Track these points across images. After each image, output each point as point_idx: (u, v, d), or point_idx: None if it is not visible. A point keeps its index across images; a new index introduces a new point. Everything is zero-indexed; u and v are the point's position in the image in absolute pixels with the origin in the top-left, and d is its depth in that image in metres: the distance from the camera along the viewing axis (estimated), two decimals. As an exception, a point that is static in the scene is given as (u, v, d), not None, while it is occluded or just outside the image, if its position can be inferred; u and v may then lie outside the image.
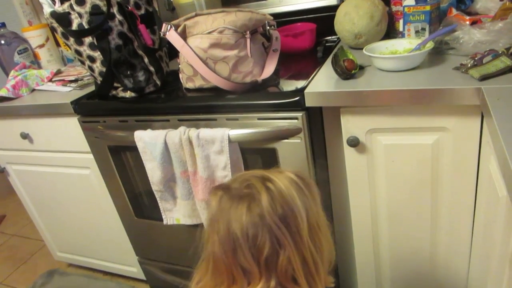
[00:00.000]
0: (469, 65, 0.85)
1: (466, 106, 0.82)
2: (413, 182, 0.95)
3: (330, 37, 1.33)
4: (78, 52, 1.12)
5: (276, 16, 1.36)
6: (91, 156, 1.30)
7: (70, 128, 1.28)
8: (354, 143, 0.93)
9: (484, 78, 0.80)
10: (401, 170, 0.95)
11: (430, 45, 0.93)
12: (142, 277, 1.58)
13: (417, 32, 1.05)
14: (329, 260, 0.66)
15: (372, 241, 1.09)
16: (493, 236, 0.76)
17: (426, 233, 1.01)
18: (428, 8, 1.01)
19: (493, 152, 0.69)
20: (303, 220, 0.59)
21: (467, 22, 0.98)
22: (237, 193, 0.60)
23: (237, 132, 0.96)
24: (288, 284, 0.59)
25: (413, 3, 1.03)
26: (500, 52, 0.85)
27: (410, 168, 0.94)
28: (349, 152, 0.97)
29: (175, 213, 1.17)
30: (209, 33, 0.99)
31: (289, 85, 1.01)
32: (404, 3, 1.05)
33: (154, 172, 1.10)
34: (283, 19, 1.37)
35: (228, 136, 0.96)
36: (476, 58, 0.85)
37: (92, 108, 1.21)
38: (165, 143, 1.04)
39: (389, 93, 0.85)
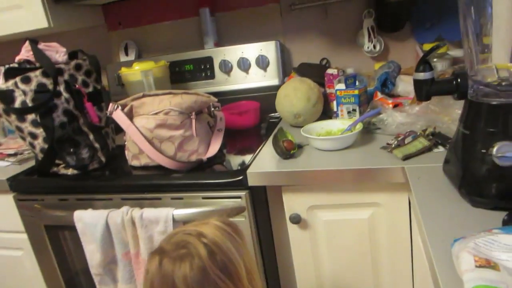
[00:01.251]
0: (393, 145, 0.94)
1: (395, 183, 0.89)
2: (354, 254, 0.99)
3: (273, 114, 1.42)
4: (19, 129, 1.10)
5: (222, 93, 1.45)
6: (25, 236, 1.22)
7: (4, 206, 1.20)
8: (297, 220, 0.96)
9: (406, 158, 0.89)
10: (342, 243, 0.99)
11: (359, 126, 1.02)
12: None
13: (349, 112, 1.16)
14: None
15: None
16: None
17: (371, 304, 1.03)
18: (357, 92, 1.13)
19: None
20: (241, 267, 0.63)
21: (390, 105, 1.10)
22: (177, 255, 0.61)
23: (181, 212, 0.96)
24: None
25: (344, 87, 1.15)
26: (418, 133, 0.95)
27: (350, 242, 0.98)
28: (292, 229, 1.00)
29: (116, 298, 1.10)
30: (156, 114, 1.02)
31: (233, 163, 1.05)
32: (336, 87, 1.17)
33: (93, 254, 1.05)
34: (229, 96, 1.46)
35: (173, 216, 0.96)
36: (399, 139, 0.95)
37: (30, 185, 1.16)
38: (107, 224, 1.01)
39: (325, 172, 0.91)
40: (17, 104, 1.05)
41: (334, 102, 1.20)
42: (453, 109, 0.97)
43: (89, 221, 1.02)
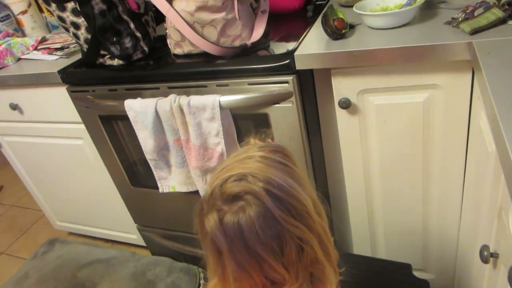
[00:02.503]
0: (460, 19, 0.83)
1: (457, 62, 0.81)
2: (405, 140, 0.96)
3: (321, -5, 1.29)
4: (61, 19, 1.09)
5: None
6: (82, 126, 1.30)
7: (60, 98, 1.26)
8: (346, 104, 0.93)
9: (475, 31, 0.79)
10: (393, 129, 0.95)
11: None
12: (142, 243, 1.62)
13: (409, -14, 1.02)
14: (326, 215, 0.61)
15: (365, 199, 1.11)
16: (483, 190, 0.78)
17: (418, 189, 1.03)
18: (420, -39, 0.97)
19: (483, 107, 0.69)
20: (307, 200, 0.55)
21: (460, -25, 0.95)
22: (237, 208, 0.51)
23: (228, 99, 0.95)
24: (311, 268, 0.56)
25: (405, -44, 0.99)
26: (491, 4, 0.83)
27: (402, 127, 0.94)
28: (341, 114, 0.97)
29: (170, 181, 1.19)
30: (195, -5, 0.95)
31: (279, 48, 0.99)
32: (396, -43, 1.01)
33: (146, 141, 1.10)
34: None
35: (219, 103, 0.95)
36: (467, 11, 0.84)
37: (80, 77, 1.19)
38: (156, 112, 1.03)
39: (379, 52, 0.83)
40: (55, -9, 1.02)
41: (392, -25, 1.05)
42: (538, -27, 0.82)
43: (139, 109, 1.05)
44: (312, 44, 0.93)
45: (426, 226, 1.10)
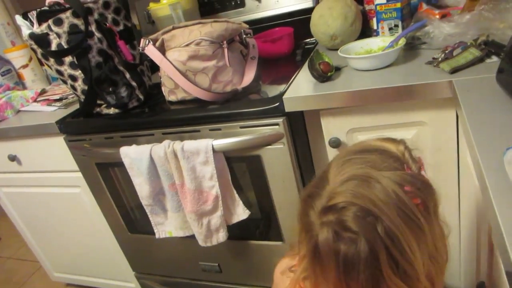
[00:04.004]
0: (440, 59, 0.87)
1: (441, 99, 0.84)
2: (397, 177, 0.97)
3: (309, 39, 1.35)
4: (60, 72, 1.13)
5: (254, 22, 1.39)
6: (80, 174, 1.31)
7: (57, 148, 1.28)
8: (336, 144, 0.94)
9: (454, 70, 0.82)
10: (385, 166, 0.96)
11: (402, 41, 0.95)
12: (141, 291, 1.58)
13: (390, 29, 1.07)
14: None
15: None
16: (477, 222, 0.78)
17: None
18: (399, 5, 1.03)
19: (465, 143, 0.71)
20: (420, 265, 0.51)
21: (437, 16, 1.00)
22: (349, 237, 0.49)
23: (220, 142, 0.97)
24: None
25: (385, 1, 1.05)
26: (469, 44, 0.87)
27: (393, 164, 0.95)
28: (332, 153, 0.98)
29: (167, 226, 1.18)
30: (187, 45, 1.00)
31: (269, 91, 1.03)
32: (376, 2, 1.07)
33: (142, 186, 1.11)
34: (261, 24, 1.39)
35: (212, 147, 0.97)
36: (446, 52, 0.88)
37: (77, 127, 1.22)
38: (151, 158, 1.05)
39: (366, 92, 0.86)
40: (53, 47, 1.07)
41: (374, 19, 1.11)
42: (510, 13, 0.87)
43: (134, 156, 1.07)
44: (301, 87, 0.97)
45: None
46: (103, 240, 1.47)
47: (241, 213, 1.07)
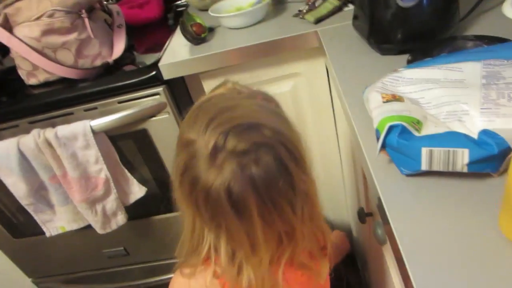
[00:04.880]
0: (305, 11, 0.91)
1: (311, 50, 0.88)
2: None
3: (180, 1, 1.29)
4: None
5: (115, -13, 1.27)
6: None
7: None
8: (221, 105, 0.94)
9: (318, 21, 0.87)
10: (270, 120, 1.00)
11: (269, -4, 0.96)
12: (43, 296, 1.45)
13: (257, -15, 1.08)
14: None
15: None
16: (353, 156, 0.87)
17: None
18: (262, -40, 1.04)
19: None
20: (306, 153, 0.53)
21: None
22: (255, 157, 0.47)
23: (99, 122, 0.90)
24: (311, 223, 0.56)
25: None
26: (328, -6, 0.92)
27: (277, 117, 1.00)
28: (219, 115, 0.98)
29: (57, 222, 1.08)
30: (37, 18, 0.87)
31: (145, 60, 0.97)
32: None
33: (16, 186, 0.98)
34: (125, -11, 1.28)
35: (91, 128, 0.89)
36: (309, 3, 0.92)
37: None
38: (20, 152, 0.92)
39: (241, 50, 0.87)
40: None
41: (241, -24, 1.10)
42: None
43: (-1, 153, 0.93)
44: (176, 52, 0.93)
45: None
46: (-16, 253, 1.29)
47: (137, 191, 1.03)
